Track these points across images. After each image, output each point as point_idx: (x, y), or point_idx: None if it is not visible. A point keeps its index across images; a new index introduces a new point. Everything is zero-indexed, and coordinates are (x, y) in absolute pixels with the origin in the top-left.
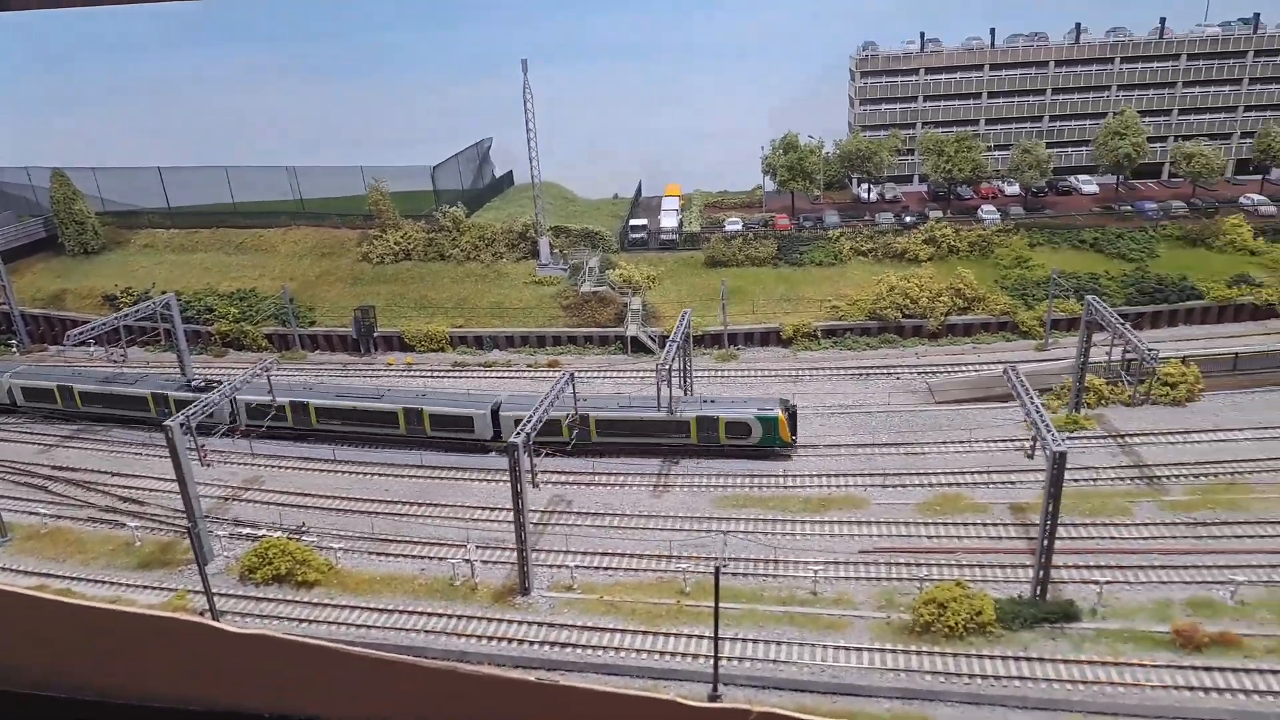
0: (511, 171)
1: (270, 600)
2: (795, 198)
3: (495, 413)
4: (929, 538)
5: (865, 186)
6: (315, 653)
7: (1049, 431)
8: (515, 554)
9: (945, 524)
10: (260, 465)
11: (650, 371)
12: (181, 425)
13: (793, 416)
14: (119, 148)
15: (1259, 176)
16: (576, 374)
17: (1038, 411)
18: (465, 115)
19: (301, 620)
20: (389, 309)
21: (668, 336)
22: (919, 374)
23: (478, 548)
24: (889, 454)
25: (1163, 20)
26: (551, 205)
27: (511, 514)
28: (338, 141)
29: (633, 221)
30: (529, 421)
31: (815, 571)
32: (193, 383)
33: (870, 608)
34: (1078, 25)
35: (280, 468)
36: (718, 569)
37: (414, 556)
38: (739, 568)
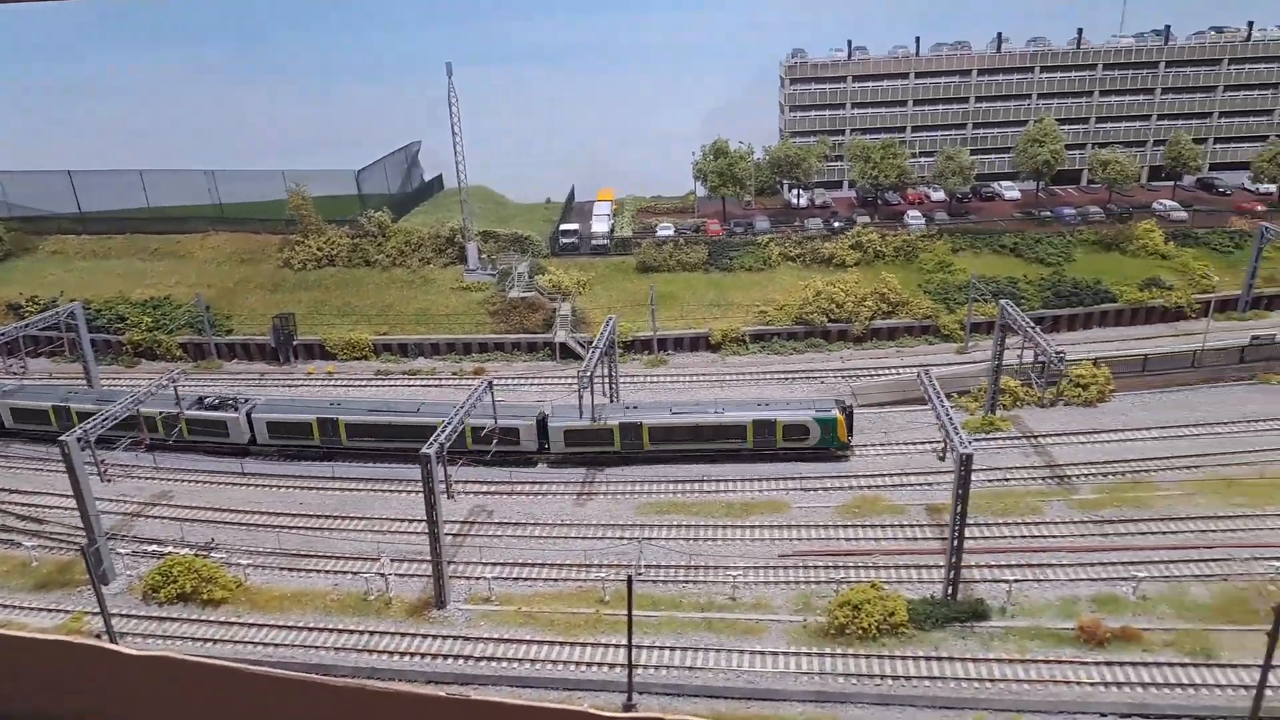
0: (441, 175)
1: (174, 620)
2: (727, 203)
3: (542, 423)
4: (847, 540)
5: (796, 192)
6: (217, 673)
7: (957, 434)
8: (431, 567)
9: (863, 526)
10: (169, 480)
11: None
12: (79, 440)
13: (850, 416)
14: (33, 151)
15: (1171, 183)
16: (505, 381)
17: (947, 415)
18: (397, 119)
19: (206, 640)
20: (310, 316)
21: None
22: (843, 377)
23: (393, 561)
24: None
25: (1080, 31)
26: (482, 210)
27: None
28: (264, 144)
29: (563, 226)
30: (443, 432)
31: (734, 577)
32: (205, 400)
33: (788, 611)
34: (999, 35)
35: (190, 482)
36: (630, 578)
37: (327, 571)
38: (659, 574)
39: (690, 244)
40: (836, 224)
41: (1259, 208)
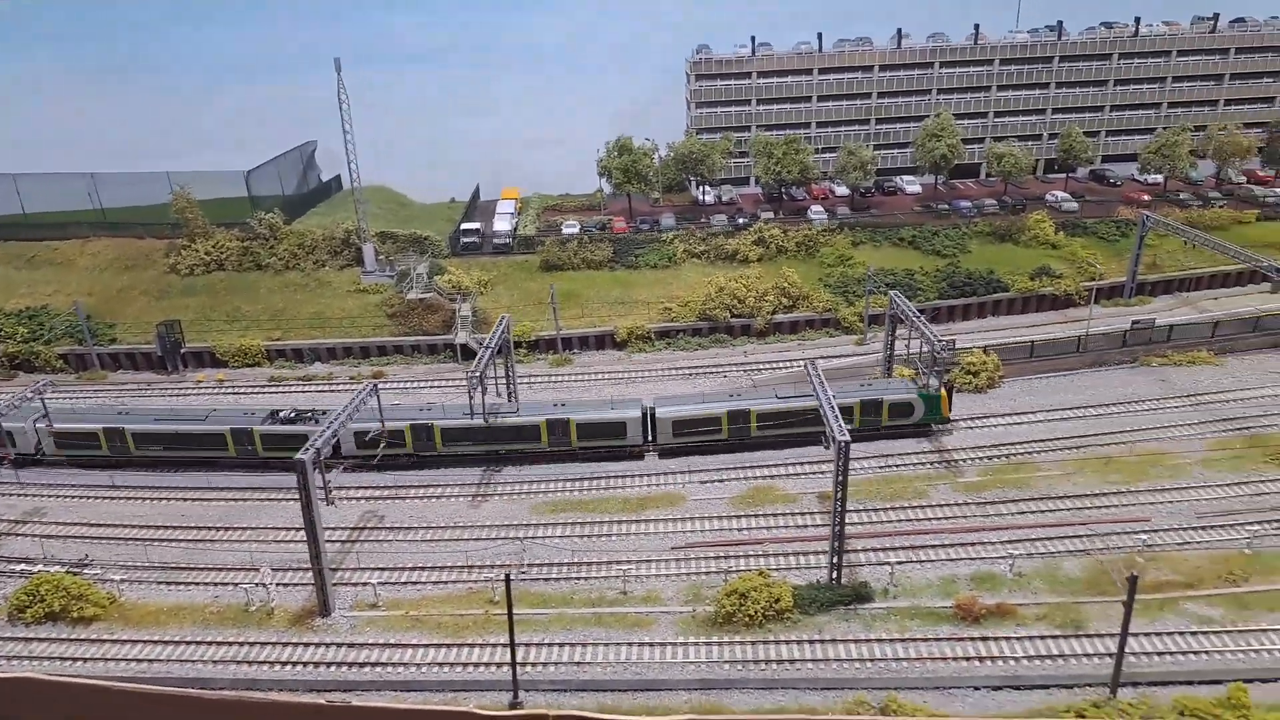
0: (340, 176)
1: (42, 640)
2: (635, 200)
3: (648, 415)
4: (740, 530)
5: (703, 189)
6: (84, 692)
7: (836, 422)
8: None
9: (757, 516)
10: (42, 496)
11: (520, 382)
12: None
13: (950, 391)
14: None
15: (1064, 175)
16: (404, 384)
17: (829, 405)
18: (293, 117)
19: (76, 659)
20: (199, 323)
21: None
22: (745, 371)
23: (275, 570)
24: (709, 450)
25: (976, 27)
26: (382, 210)
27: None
28: (148, 146)
29: (465, 225)
30: (320, 437)
31: (624, 571)
32: (280, 414)
33: (678, 603)
34: (899, 31)
35: (66, 497)
36: (508, 577)
37: (207, 584)
38: (552, 572)
39: (595, 242)
40: (741, 220)
41: (1145, 198)
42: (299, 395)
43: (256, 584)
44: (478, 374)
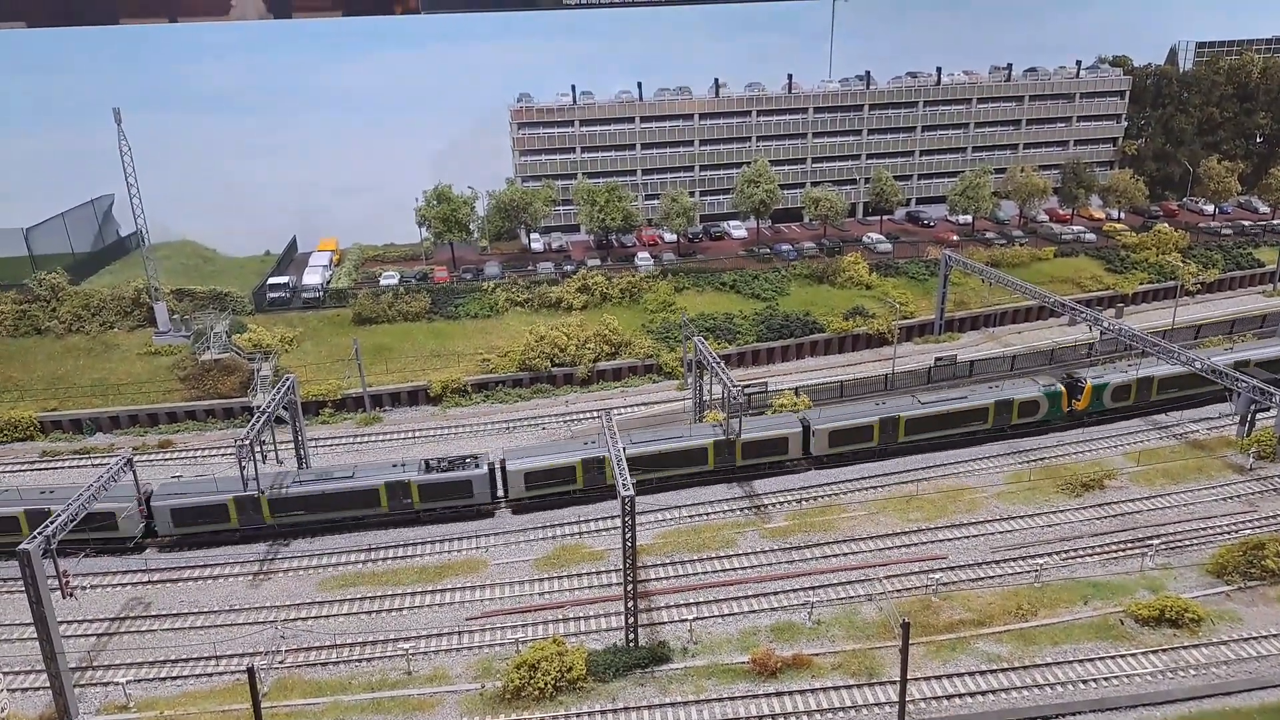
0: (140, 231)
1: None
2: (463, 249)
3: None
4: (541, 595)
5: (530, 236)
6: None
7: (621, 475)
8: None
9: (560, 577)
10: None
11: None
12: None
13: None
14: None
15: (880, 217)
16: (195, 453)
17: (618, 458)
18: (84, 169)
19: None
20: None
21: (312, 403)
22: (565, 422)
23: (7, 674)
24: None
25: (790, 76)
26: (185, 265)
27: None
28: None
29: (272, 280)
30: (54, 521)
31: (409, 649)
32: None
33: (467, 679)
34: (716, 80)
35: None
36: (251, 669)
37: None
38: (332, 655)
39: (412, 293)
40: (568, 267)
41: (954, 238)
42: (74, 470)
43: None
44: (247, 441)
